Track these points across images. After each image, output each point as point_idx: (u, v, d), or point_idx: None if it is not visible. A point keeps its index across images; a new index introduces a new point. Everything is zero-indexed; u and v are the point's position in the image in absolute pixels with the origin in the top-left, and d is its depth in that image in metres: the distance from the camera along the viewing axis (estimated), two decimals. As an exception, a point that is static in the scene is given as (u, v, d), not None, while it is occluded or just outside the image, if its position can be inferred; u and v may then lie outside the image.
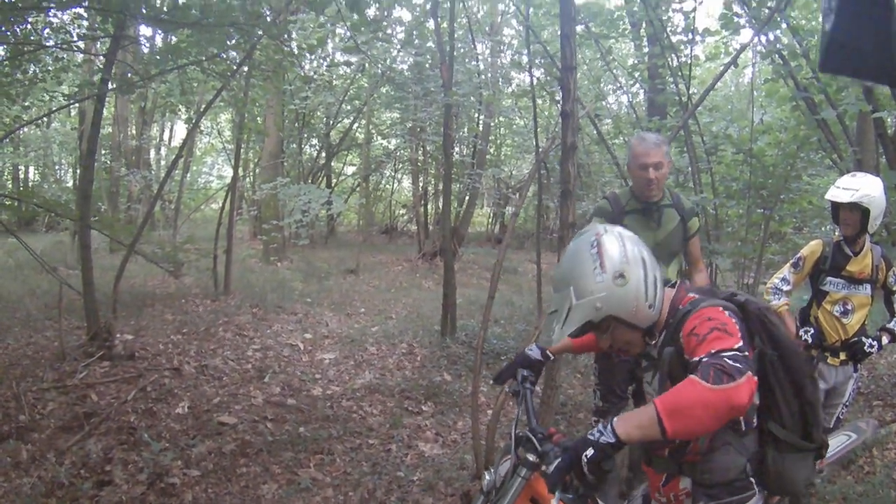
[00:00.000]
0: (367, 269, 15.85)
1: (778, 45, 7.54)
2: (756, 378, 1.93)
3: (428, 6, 12.31)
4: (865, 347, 4.25)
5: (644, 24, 10.13)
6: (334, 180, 24.43)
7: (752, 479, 2.28)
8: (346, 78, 19.43)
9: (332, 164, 23.66)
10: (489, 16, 18.97)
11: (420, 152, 20.18)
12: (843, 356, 4.36)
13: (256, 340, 8.45)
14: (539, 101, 11.31)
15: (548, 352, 2.87)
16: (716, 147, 9.00)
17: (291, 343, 8.46)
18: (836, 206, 4.21)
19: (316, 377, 7.25)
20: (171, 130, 28.41)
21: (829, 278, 4.37)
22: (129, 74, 8.48)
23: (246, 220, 21.19)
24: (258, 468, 4.96)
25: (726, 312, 2.15)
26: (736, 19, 7.70)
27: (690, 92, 8.84)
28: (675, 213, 4.15)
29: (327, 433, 5.61)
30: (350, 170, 27.23)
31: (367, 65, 15.28)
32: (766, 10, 7.24)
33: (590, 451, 1.93)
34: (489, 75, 17.68)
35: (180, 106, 12.73)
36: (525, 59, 14.08)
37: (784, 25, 7.70)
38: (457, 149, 18.40)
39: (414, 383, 7.07)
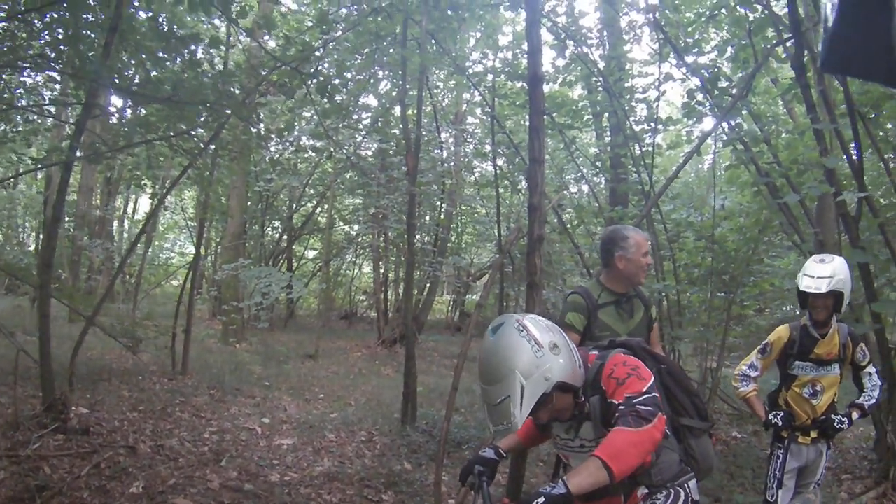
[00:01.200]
0: (326, 354, 15.58)
1: (739, 132, 7.74)
2: (665, 415, 2.45)
3: (394, 93, 12.59)
4: (836, 424, 4.27)
5: (607, 115, 10.41)
6: (295, 264, 24.32)
7: (687, 467, 2.78)
8: (311, 162, 19.57)
9: (294, 247, 23.60)
10: (454, 104, 19.41)
11: (382, 239, 20.25)
12: (813, 434, 4.38)
13: (213, 423, 8.18)
14: (501, 190, 11.47)
15: (500, 451, 3.01)
16: (678, 234, 9.13)
17: (249, 427, 8.20)
18: (807, 294, 4.21)
19: (274, 463, 7.00)
20: (135, 203, 28.46)
21: (797, 362, 4.41)
22: (98, 144, 8.42)
23: (206, 300, 20.80)
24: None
25: (630, 356, 2.67)
26: (699, 108, 7.93)
27: (653, 180, 9.04)
28: (640, 303, 4.16)
29: (285, 520, 5.41)
30: (311, 254, 27.19)
31: (332, 150, 15.43)
32: (729, 98, 7.48)
33: (540, 500, 2.19)
34: (452, 163, 17.94)
35: (146, 180, 12.65)
36: (489, 148, 14.42)
37: (745, 112, 7.95)
38: (418, 236, 18.50)
39: (374, 472, 6.85)
